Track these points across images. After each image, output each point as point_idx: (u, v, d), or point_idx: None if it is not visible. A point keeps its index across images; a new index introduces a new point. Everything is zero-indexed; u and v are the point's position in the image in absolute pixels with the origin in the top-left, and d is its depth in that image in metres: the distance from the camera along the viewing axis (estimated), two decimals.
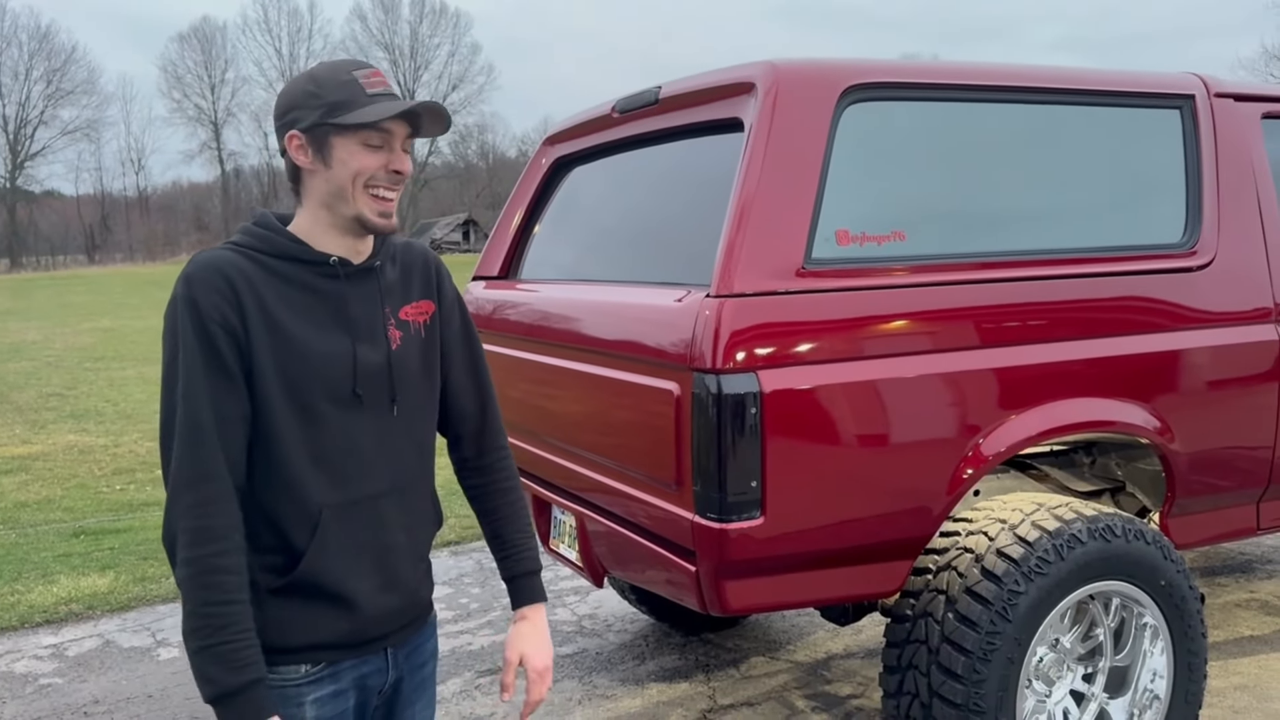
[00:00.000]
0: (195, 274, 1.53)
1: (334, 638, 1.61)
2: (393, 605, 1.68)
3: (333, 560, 1.59)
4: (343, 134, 1.57)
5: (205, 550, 1.48)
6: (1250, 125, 3.10)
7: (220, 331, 1.51)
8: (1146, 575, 2.66)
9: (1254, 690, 3.52)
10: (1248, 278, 3.00)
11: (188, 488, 1.49)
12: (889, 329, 2.49)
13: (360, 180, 1.58)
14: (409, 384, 1.69)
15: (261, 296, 1.54)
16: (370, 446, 1.64)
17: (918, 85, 2.65)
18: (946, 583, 2.54)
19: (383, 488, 1.65)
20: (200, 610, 1.47)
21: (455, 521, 5.81)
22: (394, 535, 1.67)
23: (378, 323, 1.65)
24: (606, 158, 3.40)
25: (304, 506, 1.57)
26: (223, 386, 1.51)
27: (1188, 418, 2.86)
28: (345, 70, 1.60)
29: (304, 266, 1.59)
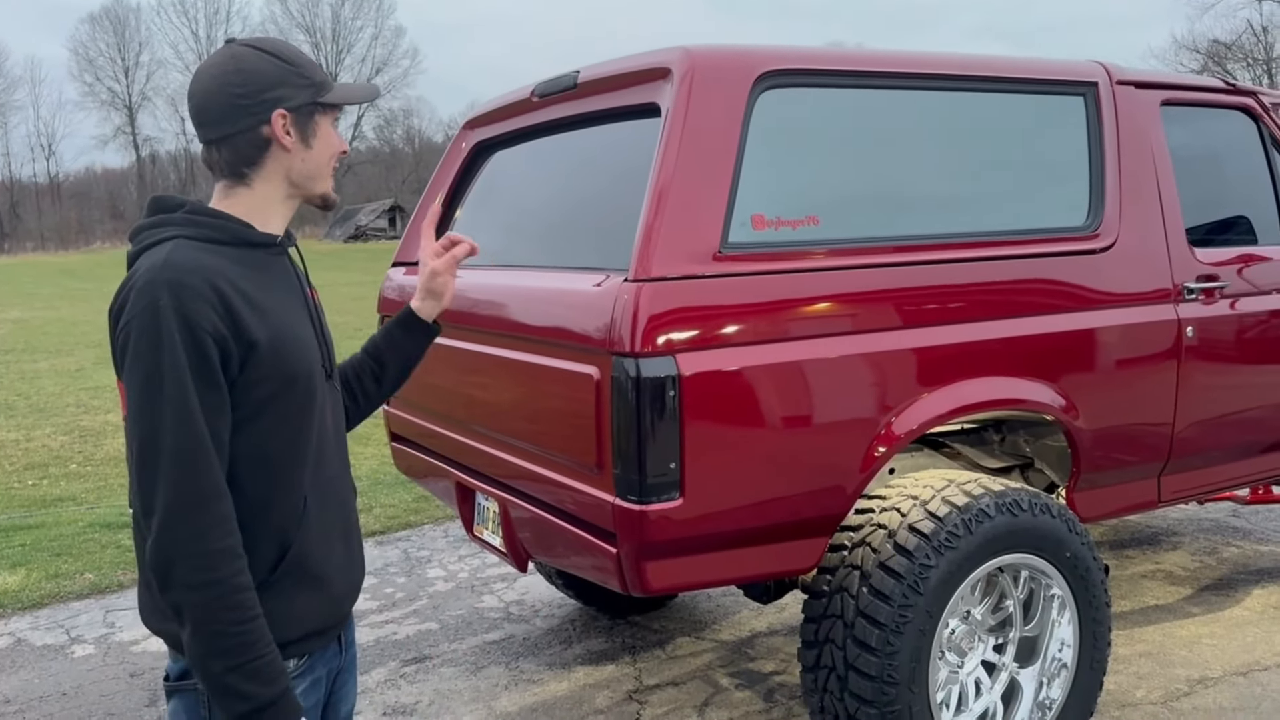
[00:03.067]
0: (180, 280, 1.46)
1: (317, 624, 1.63)
2: (355, 579, 1.73)
3: (315, 545, 1.62)
4: (325, 113, 1.63)
5: (227, 571, 1.45)
6: (1150, 112, 3.21)
7: (212, 343, 1.46)
8: (1053, 548, 2.75)
9: (1157, 657, 3.66)
10: (1148, 260, 3.11)
11: (197, 510, 1.44)
12: (803, 312, 2.54)
13: (329, 162, 1.65)
14: (334, 357, 1.75)
15: (245, 292, 1.52)
16: (331, 423, 1.69)
17: (830, 72, 2.70)
18: (861, 558, 2.60)
19: (340, 464, 1.71)
20: (229, 631, 1.44)
21: (380, 511, 5.76)
22: (350, 511, 1.74)
23: (310, 298, 1.72)
24: (527, 142, 3.39)
25: (291, 495, 1.58)
26: (214, 401, 1.47)
27: (1092, 395, 2.96)
28: (298, 50, 1.65)
29: (256, 249, 1.60)
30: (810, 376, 2.51)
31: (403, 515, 5.68)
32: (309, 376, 1.59)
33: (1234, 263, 3.31)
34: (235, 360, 1.49)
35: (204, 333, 1.45)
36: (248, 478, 1.54)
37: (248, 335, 1.49)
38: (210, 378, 1.46)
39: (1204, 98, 3.39)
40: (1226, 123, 3.48)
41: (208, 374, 1.46)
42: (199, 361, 1.45)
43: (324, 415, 1.65)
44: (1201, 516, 5.28)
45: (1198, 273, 3.20)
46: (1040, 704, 2.85)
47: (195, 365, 1.45)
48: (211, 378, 1.46)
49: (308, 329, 1.64)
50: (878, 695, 2.52)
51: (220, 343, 1.46)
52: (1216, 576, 4.45)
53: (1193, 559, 4.68)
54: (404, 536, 5.38)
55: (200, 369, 1.45)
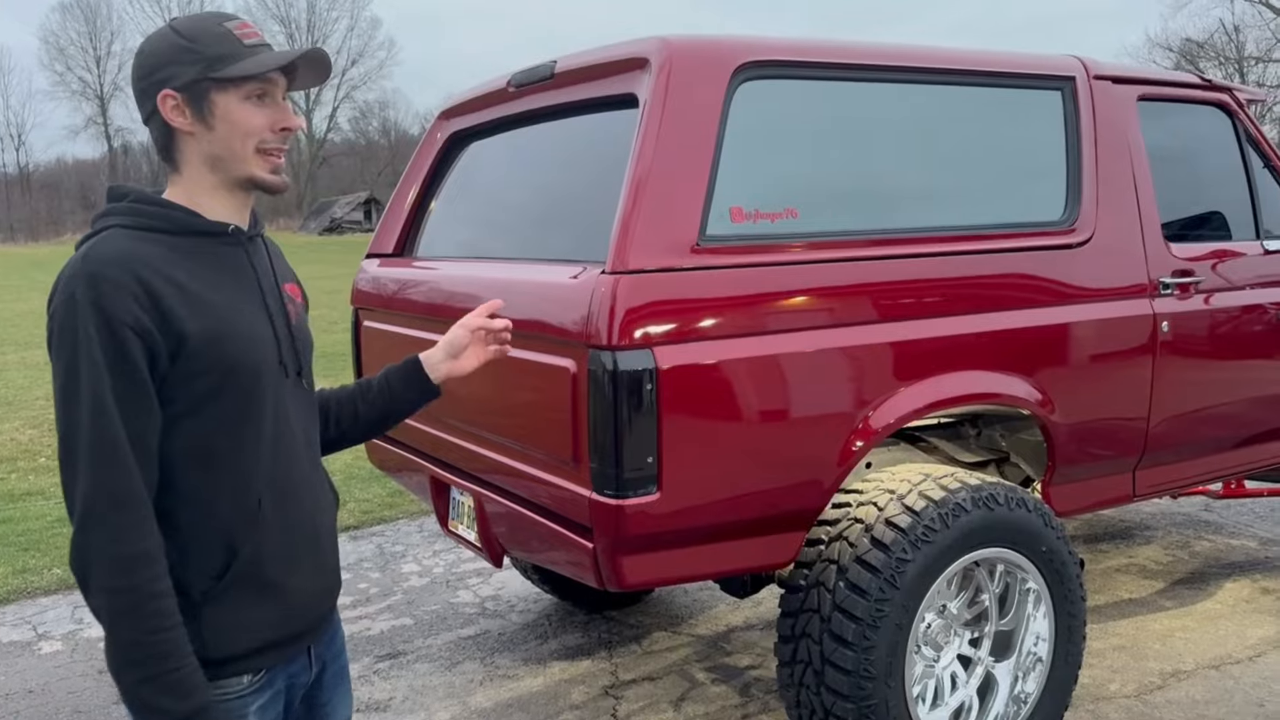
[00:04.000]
0: (99, 272, 1.38)
1: (274, 635, 1.54)
2: (324, 589, 1.64)
3: (271, 551, 1.53)
4: (224, 89, 1.47)
5: (140, 577, 1.37)
6: (1127, 107, 3.21)
7: (133, 337, 1.38)
8: (1028, 542, 2.75)
9: (1131, 650, 3.68)
10: (1124, 254, 3.12)
11: (111, 511, 1.37)
12: (781, 305, 2.52)
13: (250, 144, 1.50)
14: (308, 358, 1.66)
15: (179, 283, 1.43)
16: (296, 423, 1.59)
17: (810, 64, 2.68)
18: (838, 552, 2.59)
19: (307, 468, 1.61)
20: (141, 640, 1.37)
21: (355, 506, 5.71)
22: (321, 516, 1.64)
23: (277, 293, 1.60)
24: (503, 132, 3.36)
25: (242, 497, 1.50)
26: (135, 398, 1.39)
27: (1067, 390, 2.97)
28: (215, 22, 1.50)
29: (203, 238, 1.51)
30: (788, 370, 2.50)
31: (377, 510, 5.63)
32: (254, 371, 1.50)
33: (1208, 258, 3.32)
34: (164, 354, 1.41)
35: (123, 326, 1.37)
36: (188, 476, 1.46)
37: (177, 327, 1.41)
38: (131, 374, 1.38)
39: (1180, 93, 3.41)
40: (1202, 118, 3.49)
41: (128, 370, 1.38)
42: (117, 357, 1.37)
43: (282, 413, 1.55)
44: (1174, 511, 5.31)
45: (1173, 268, 3.21)
46: (1016, 698, 2.85)
47: (113, 361, 1.37)
48: (132, 374, 1.38)
49: (259, 323, 1.54)
50: (854, 690, 2.51)
51: (143, 336, 1.39)
52: (1189, 570, 4.48)
53: (1166, 553, 4.71)
54: (378, 531, 5.33)
55: (118, 365, 1.37)
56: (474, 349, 1.90)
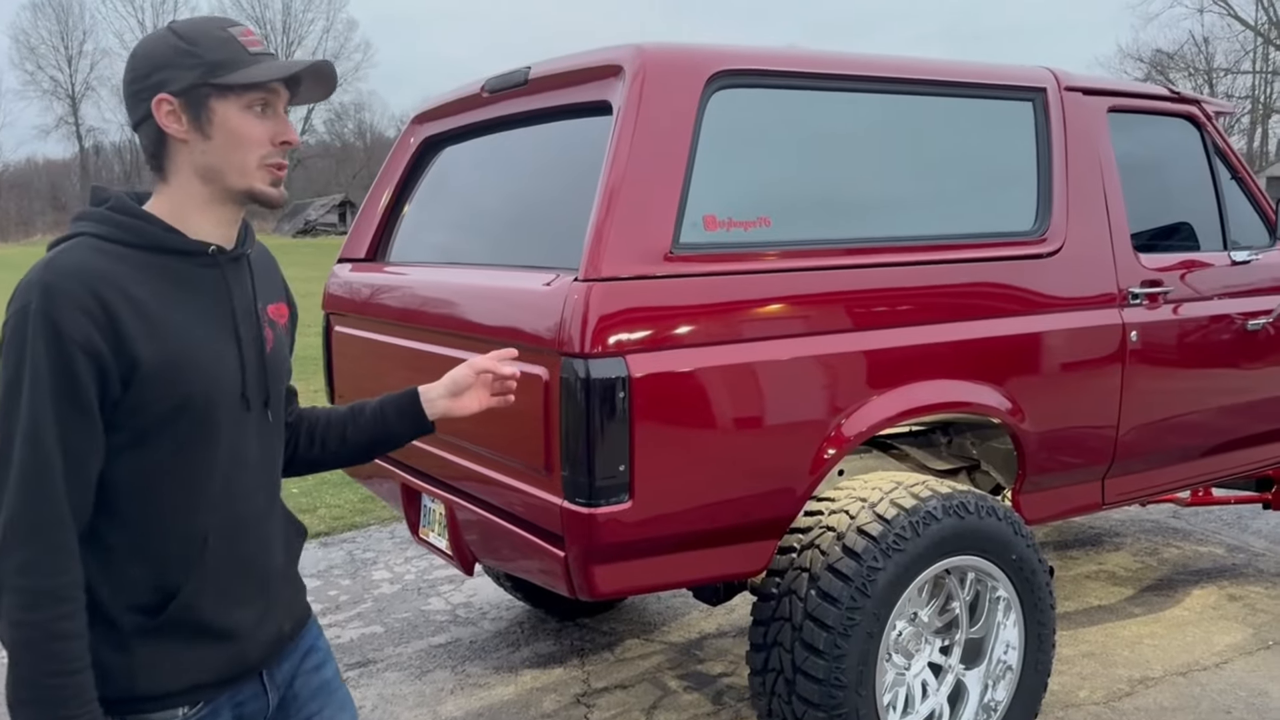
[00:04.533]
0: (56, 284, 1.31)
1: (211, 676, 1.48)
2: (274, 632, 1.57)
3: (215, 591, 1.45)
4: (224, 97, 1.40)
5: (44, 615, 1.30)
6: (1097, 118, 3.24)
7: (82, 357, 1.30)
8: (999, 550, 2.76)
9: (1100, 657, 3.71)
10: (1094, 264, 3.14)
11: (28, 540, 1.30)
12: (754, 314, 2.52)
13: (251, 156, 1.43)
14: (279, 387, 1.58)
15: (140, 305, 1.35)
16: (253, 457, 1.51)
17: (783, 73, 2.68)
18: (810, 561, 2.59)
19: (262, 503, 1.54)
20: (40, 681, 1.30)
21: (325, 512, 5.66)
22: (274, 555, 1.57)
23: (254, 319, 1.52)
24: (477, 138, 3.34)
25: (186, 533, 1.43)
26: (76, 423, 1.32)
27: (1037, 399, 2.99)
28: (218, 27, 1.43)
29: (178, 258, 1.43)
30: (761, 378, 2.50)
31: (348, 516, 5.59)
32: (209, 405, 1.42)
33: (1177, 268, 3.35)
34: (115, 378, 1.33)
35: (73, 344, 1.30)
36: (130, 508, 1.39)
37: (130, 351, 1.33)
38: (75, 395, 1.31)
39: (1149, 105, 3.44)
40: (1171, 130, 3.53)
41: (72, 390, 1.31)
42: (62, 375, 1.30)
43: (238, 448, 1.47)
44: (1143, 518, 5.36)
45: (1142, 278, 3.24)
46: (986, 706, 2.87)
47: (57, 379, 1.30)
48: (77, 395, 1.31)
49: (225, 353, 1.45)
50: (825, 699, 2.52)
51: (94, 357, 1.31)
52: (1158, 577, 4.52)
53: (1134, 560, 4.75)
54: (349, 538, 5.29)
55: (62, 384, 1.30)
56: (477, 392, 1.79)
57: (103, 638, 1.39)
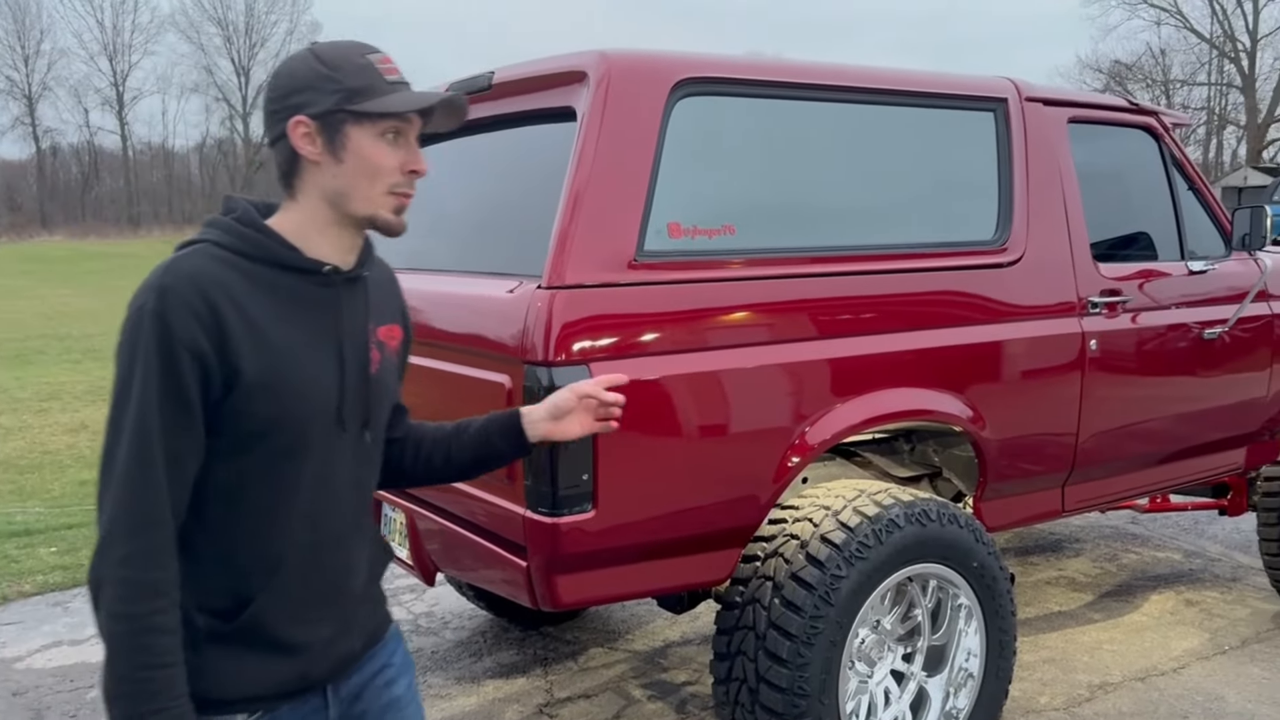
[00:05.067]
0: (171, 287, 1.34)
1: (276, 688, 1.48)
2: (345, 651, 1.57)
3: (289, 607, 1.47)
4: (360, 124, 1.43)
5: (142, 608, 1.33)
6: (1057, 128, 3.27)
7: (189, 358, 1.34)
8: (960, 558, 2.78)
9: (1060, 663, 3.74)
10: (1053, 274, 3.17)
11: (129, 535, 1.33)
12: (718, 322, 2.52)
13: (379, 184, 1.45)
14: (381, 410, 1.58)
15: (247, 313, 1.38)
16: (343, 477, 1.51)
17: (748, 81, 2.68)
18: (774, 569, 2.59)
19: (348, 524, 1.53)
20: (133, 675, 1.33)
21: None
22: (355, 576, 1.57)
23: (363, 340, 1.53)
24: (439, 143, 3.31)
25: (266, 546, 1.44)
26: (180, 422, 1.35)
27: (998, 406, 3.01)
28: (359, 53, 1.46)
29: (294, 275, 1.45)
30: (725, 386, 2.49)
31: None
32: (302, 422, 1.43)
33: (1135, 278, 3.39)
34: (217, 382, 1.36)
35: (181, 346, 1.33)
36: (216, 515, 1.42)
37: (234, 361, 1.36)
38: (180, 395, 1.34)
39: (1109, 116, 3.48)
40: (1130, 141, 3.57)
41: (178, 391, 1.34)
42: (169, 376, 1.33)
43: (328, 468, 1.48)
44: (1102, 524, 5.43)
45: (1101, 287, 3.27)
46: (947, 713, 2.87)
47: (165, 379, 1.33)
48: (182, 395, 1.34)
49: (326, 373, 1.46)
50: (788, 707, 2.51)
51: (199, 359, 1.34)
52: (1116, 583, 4.57)
53: (1094, 565, 4.80)
54: None
55: (169, 384, 1.34)
56: (579, 416, 1.79)
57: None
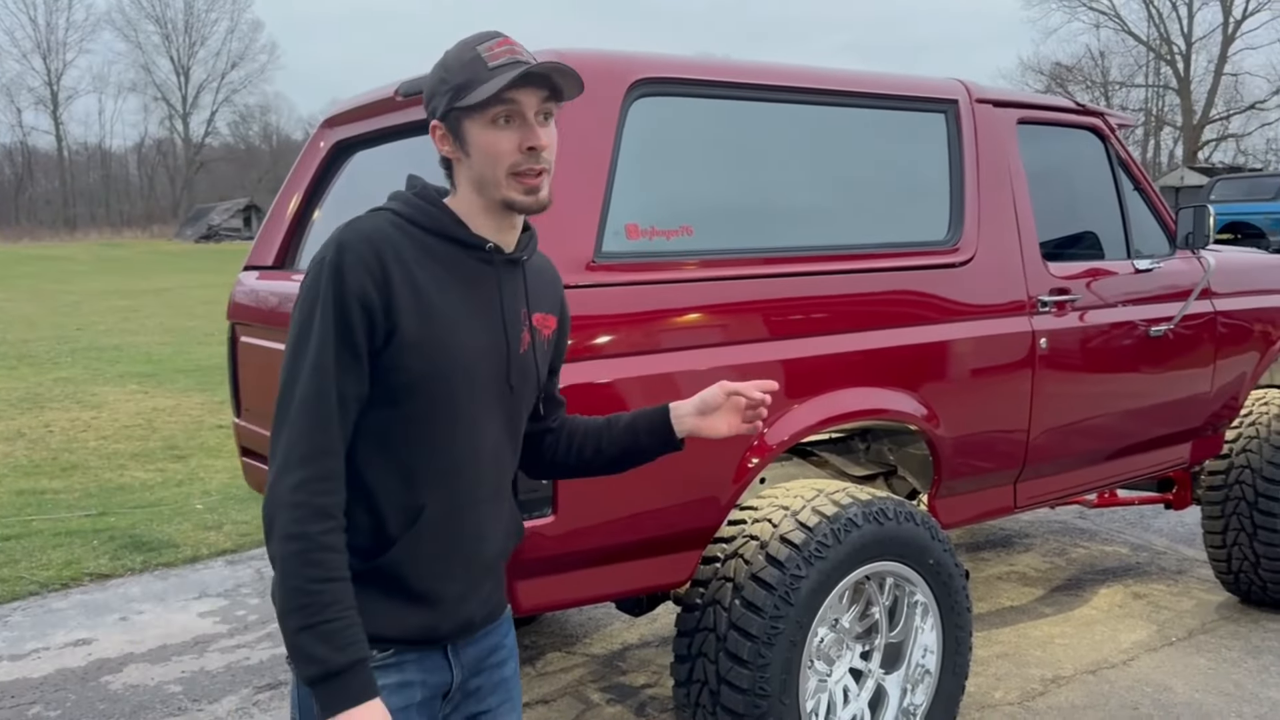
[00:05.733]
0: (348, 241, 1.46)
1: (404, 634, 1.54)
2: (470, 613, 1.61)
3: (423, 558, 1.53)
4: (470, 116, 1.50)
5: (315, 528, 1.41)
6: (1007, 129, 3.31)
7: (358, 307, 1.44)
8: (916, 555, 2.79)
9: (1013, 658, 3.79)
10: (1004, 273, 3.21)
11: (304, 463, 1.42)
12: (677, 323, 2.51)
13: (500, 168, 1.50)
14: (526, 389, 1.63)
15: (413, 275, 1.48)
16: (487, 446, 1.58)
17: (704, 82, 2.68)
18: (734, 570, 2.58)
19: (488, 491, 1.60)
20: (304, 588, 1.40)
21: (231, 529, 5.47)
22: (487, 544, 1.61)
23: (518, 319, 1.60)
24: (390, 142, 3.27)
25: (407, 498, 1.52)
26: (348, 365, 1.45)
27: (952, 405, 3.03)
28: (471, 46, 1.52)
29: (460, 248, 1.54)
30: (684, 388, 2.48)
31: (255, 533, 5.41)
32: (451, 385, 1.51)
33: (1083, 276, 3.45)
34: (380, 332, 1.46)
35: (352, 296, 1.44)
36: (365, 458, 1.50)
37: (395, 317, 1.46)
38: (350, 340, 1.44)
39: (1057, 117, 3.53)
40: (1077, 142, 3.62)
41: (347, 335, 1.44)
42: (341, 321, 1.44)
43: (473, 433, 1.54)
44: (1051, 519, 5.51)
45: (1050, 286, 3.31)
46: (905, 710, 2.89)
47: (338, 324, 1.44)
48: (351, 340, 1.44)
49: (479, 342, 1.54)
50: (749, 708, 2.50)
51: (368, 311, 1.44)
52: (1066, 577, 4.65)
53: (1044, 560, 4.88)
54: (257, 555, 5.12)
55: (341, 328, 1.44)
56: (726, 415, 1.78)
57: None
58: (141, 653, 3.94)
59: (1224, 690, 3.50)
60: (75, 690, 3.64)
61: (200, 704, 3.52)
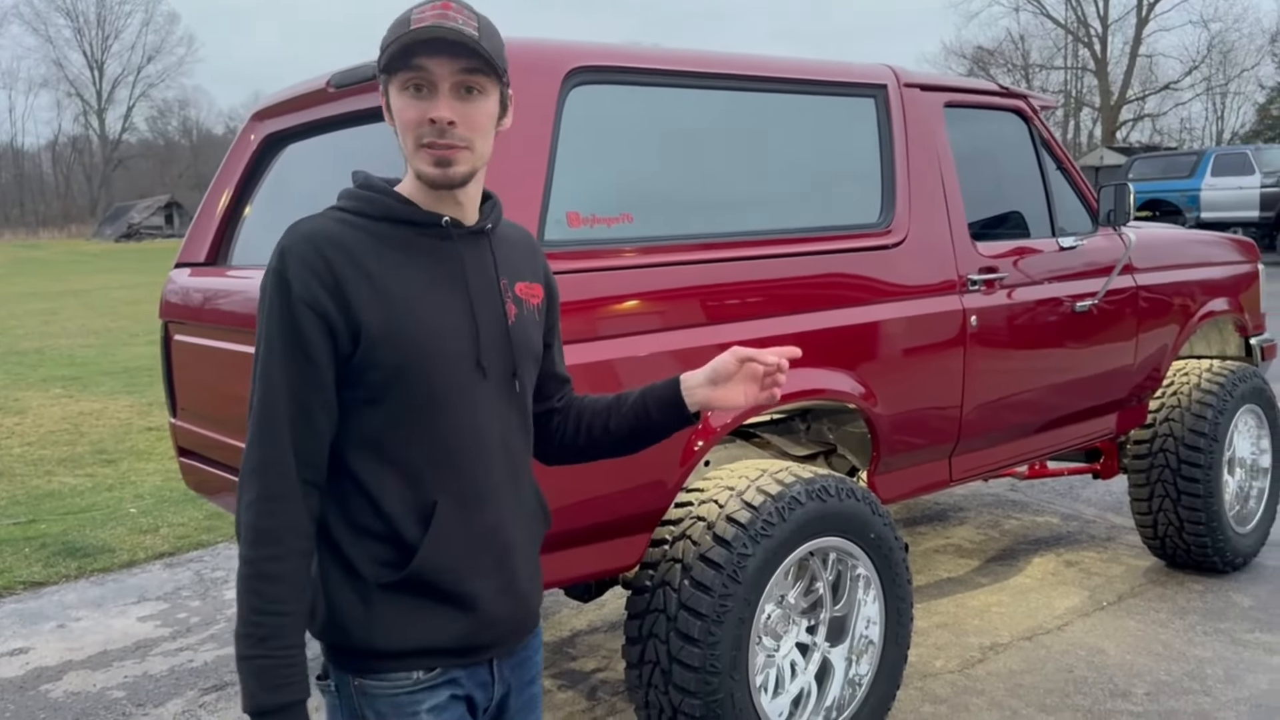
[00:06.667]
0: (290, 247, 1.41)
1: (449, 642, 1.48)
2: (510, 610, 1.53)
3: (452, 556, 1.46)
4: (392, 82, 1.43)
5: (260, 553, 1.37)
6: (935, 113, 3.39)
7: (309, 313, 1.38)
8: (858, 530, 2.86)
9: (952, 627, 3.89)
10: (935, 253, 3.29)
11: (252, 478, 1.39)
12: (619, 309, 2.53)
13: (408, 138, 1.43)
14: (527, 361, 1.56)
15: (367, 267, 1.41)
16: (489, 428, 1.50)
17: (640, 70, 2.70)
18: (682, 551, 2.62)
19: (500, 477, 1.52)
20: (247, 617, 1.37)
21: (169, 531, 5.38)
22: (510, 532, 1.53)
23: (494, 291, 1.52)
24: (323, 134, 3.23)
25: (415, 496, 1.45)
26: (304, 373, 1.39)
27: (888, 383, 3.11)
28: (408, 9, 1.44)
29: (413, 229, 1.47)
30: (627, 375, 2.51)
31: (194, 534, 5.32)
32: (430, 369, 1.43)
33: (1010, 255, 3.54)
34: (344, 335, 1.40)
35: (301, 303, 1.38)
36: (364, 465, 1.45)
37: (355, 314, 1.40)
38: (303, 348, 1.39)
39: (982, 100, 3.62)
40: (1002, 124, 3.72)
41: (299, 344, 1.39)
42: (291, 330, 1.39)
43: (470, 417, 1.47)
44: (985, 492, 5.66)
45: (979, 265, 3.41)
46: (851, 681, 2.96)
47: (286, 332, 1.39)
48: (304, 348, 1.39)
49: (453, 320, 1.46)
50: (701, 685, 2.55)
51: (321, 315, 1.39)
52: (1001, 548, 4.78)
53: (979, 532, 5.01)
54: (196, 557, 5.03)
55: (291, 338, 1.39)
56: (743, 384, 1.64)
57: (347, 586, 1.45)
58: (81, 660, 3.87)
59: (1153, 650, 3.64)
60: (14, 699, 3.56)
61: (145, 709, 3.46)
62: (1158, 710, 3.23)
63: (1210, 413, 4.13)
